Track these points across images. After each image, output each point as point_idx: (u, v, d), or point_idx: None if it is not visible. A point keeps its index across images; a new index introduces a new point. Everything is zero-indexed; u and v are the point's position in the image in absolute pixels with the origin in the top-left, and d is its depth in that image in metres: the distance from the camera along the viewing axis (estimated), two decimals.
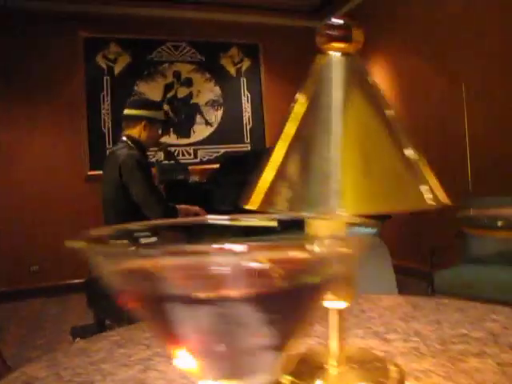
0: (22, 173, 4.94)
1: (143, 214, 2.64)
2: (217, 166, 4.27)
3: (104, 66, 5.17)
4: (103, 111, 5.07)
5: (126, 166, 2.59)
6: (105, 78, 5.17)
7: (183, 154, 5.40)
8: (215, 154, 5.46)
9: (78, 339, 3.32)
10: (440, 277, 2.93)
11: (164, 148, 3.64)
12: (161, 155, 4.12)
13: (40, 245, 4.81)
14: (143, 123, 2.76)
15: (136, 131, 2.77)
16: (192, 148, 5.44)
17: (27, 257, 4.88)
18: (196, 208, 3.08)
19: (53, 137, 4.99)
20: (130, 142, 2.74)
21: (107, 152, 4.61)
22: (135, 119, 2.77)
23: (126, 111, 2.81)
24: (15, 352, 3.46)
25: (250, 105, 5.65)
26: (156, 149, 3.29)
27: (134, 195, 2.61)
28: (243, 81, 5.65)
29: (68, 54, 5.03)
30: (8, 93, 4.89)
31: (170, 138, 5.36)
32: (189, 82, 5.45)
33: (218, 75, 5.55)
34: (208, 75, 5.52)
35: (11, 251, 4.85)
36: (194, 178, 4.47)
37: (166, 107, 5.36)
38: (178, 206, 3.00)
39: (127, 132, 2.79)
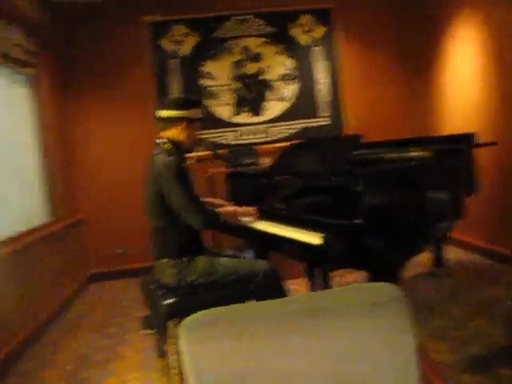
0: (101, 161, 5.11)
1: (183, 222, 2.51)
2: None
3: (170, 49, 5.10)
4: (172, 95, 5.01)
5: (163, 175, 2.46)
6: (171, 61, 5.10)
7: (256, 134, 5.22)
8: (290, 131, 5.21)
9: (144, 330, 3.34)
10: None
11: (208, 145, 3.43)
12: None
13: (124, 229, 4.95)
14: (184, 124, 2.60)
15: (175, 133, 2.62)
16: (265, 126, 5.23)
17: (113, 240, 5.07)
18: (247, 210, 2.87)
19: (128, 123, 5.06)
20: (168, 146, 2.59)
21: None
22: (175, 121, 2.60)
23: (164, 113, 2.63)
24: (90, 339, 3.56)
25: (325, 75, 5.29)
26: (201, 149, 3.09)
27: (173, 204, 2.48)
28: (317, 50, 5.29)
29: (134, 41, 5.06)
30: (79, 83, 5.04)
31: (242, 117, 5.20)
32: (258, 57, 5.21)
33: (290, 47, 5.24)
34: (279, 48, 5.23)
35: (98, 236, 5.09)
36: (265, 160, 4.26)
37: (235, 85, 5.20)
38: (223, 209, 2.82)
39: (166, 134, 2.63)
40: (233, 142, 5.14)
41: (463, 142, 2.88)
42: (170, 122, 2.61)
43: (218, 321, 1.20)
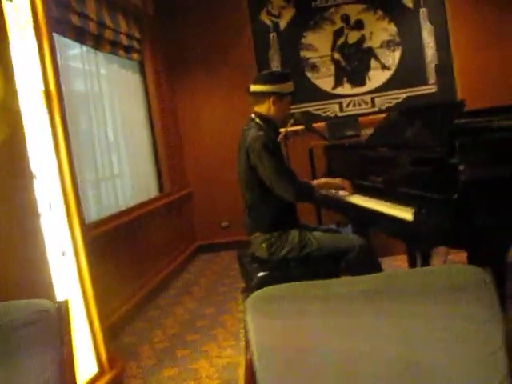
0: (208, 136, 5.31)
1: (277, 196, 2.52)
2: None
3: (269, 22, 5.08)
4: (273, 69, 5.00)
5: (253, 149, 2.49)
6: (271, 34, 5.08)
7: (359, 104, 5.04)
8: (395, 101, 4.95)
9: (243, 301, 3.47)
10: None
11: (298, 119, 3.36)
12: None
13: (229, 202, 5.12)
14: (272, 99, 2.59)
15: (265, 107, 2.62)
16: (369, 96, 5.03)
17: (218, 213, 5.29)
18: (339, 182, 2.80)
19: (231, 98, 5.16)
20: (258, 121, 2.61)
21: None
22: (263, 95, 2.61)
23: (253, 87, 2.65)
24: (195, 307, 3.77)
25: (433, 39, 4.90)
26: (293, 122, 3.04)
27: (264, 178, 2.50)
28: (423, 12, 4.91)
29: (234, 16, 5.11)
30: (183, 63, 5.24)
31: (344, 88, 5.04)
32: (359, 25, 4.98)
33: (392, 11, 4.93)
34: (380, 13, 4.94)
35: (205, 209, 5.33)
36: (368, 132, 4.11)
37: (336, 56, 5.04)
38: (315, 182, 2.78)
39: (256, 109, 2.65)
40: (337, 115, 5.03)
41: None
42: (259, 96, 2.63)
43: (282, 298, 1.20)
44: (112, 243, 3.47)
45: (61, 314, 1.39)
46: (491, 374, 1.09)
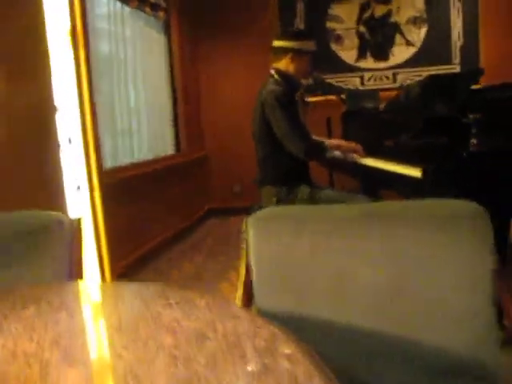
0: (226, 101, 5.34)
1: (286, 147, 2.56)
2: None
3: None
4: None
5: (267, 102, 2.53)
6: (298, 4, 5.06)
7: (381, 79, 5.02)
8: (417, 78, 4.91)
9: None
10: None
11: (317, 78, 3.40)
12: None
13: (242, 167, 5.16)
14: (290, 55, 2.63)
15: (283, 64, 2.66)
16: (391, 72, 5.00)
17: (231, 178, 5.36)
18: (352, 145, 2.83)
19: (252, 65, 5.17)
20: (276, 76, 2.64)
21: None
22: (282, 51, 2.65)
23: (274, 43, 2.70)
24: (201, 262, 3.87)
25: (460, 18, 4.84)
26: (310, 78, 3.10)
27: (276, 132, 2.54)
28: None
29: None
30: (208, 27, 5.25)
31: (367, 62, 5.02)
32: None
33: None
34: None
35: (219, 172, 5.40)
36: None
37: (362, 29, 5.01)
38: (327, 141, 2.81)
39: (274, 65, 2.69)
40: (358, 88, 5.03)
41: None
42: (279, 51, 2.66)
43: (281, 217, 1.27)
44: (126, 192, 3.56)
45: (73, 228, 1.48)
46: (475, 301, 1.14)
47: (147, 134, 4.30)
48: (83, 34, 2.33)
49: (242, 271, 1.32)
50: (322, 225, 1.23)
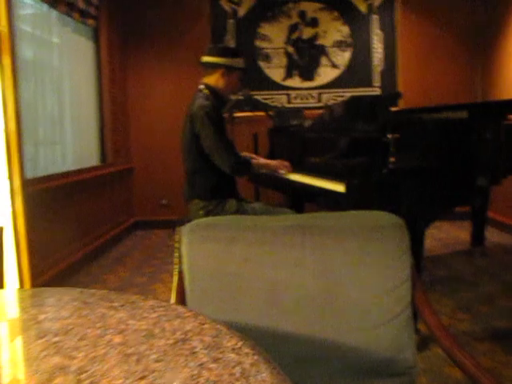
0: (154, 114, 5.30)
1: (214, 162, 2.60)
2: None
3: (228, 8, 5.16)
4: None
5: (197, 116, 2.56)
6: (229, 21, 5.17)
7: (306, 98, 5.22)
8: (340, 99, 5.17)
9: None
10: None
11: (245, 95, 3.51)
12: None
13: (170, 180, 5.14)
14: (221, 71, 2.68)
15: (213, 79, 2.70)
16: (316, 92, 5.22)
17: (158, 191, 5.30)
18: (275, 163, 2.92)
19: (182, 79, 5.19)
20: (206, 91, 2.68)
21: None
22: (213, 66, 2.69)
23: (205, 58, 2.73)
24: (127, 276, 3.78)
25: (381, 45, 5.18)
26: (239, 94, 3.20)
27: (205, 147, 2.57)
28: (375, 18, 5.17)
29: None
30: (138, 39, 5.22)
31: (294, 81, 5.21)
32: (314, 22, 5.17)
33: (347, 13, 5.16)
34: (336, 14, 5.16)
35: (146, 186, 5.33)
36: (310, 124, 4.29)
37: (289, 49, 5.20)
38: (254, 161, 2.89)
39: (205, 80, 2.73)
40: (285, 105, 5.19)
41: (509, 107, 2.79)
42: (210, 67, 2.71)
43: (217, 226, 1.29)
44: (48, 203, 3.42)
45: None
46: (396, 303, 1.23)
47: (72, 144, 4.17)
48: (9, 38, 2.23)
49: (175, 281, 1.33)
50: (255, 234, 1.27)
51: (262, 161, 3.02)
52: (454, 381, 2.13)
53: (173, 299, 1.27)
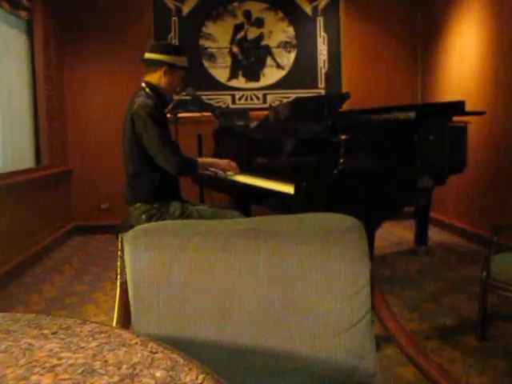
0: (94, 115, 5.06)
1: (159, 167, 2.48)
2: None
3: (172, 6, 5.02)
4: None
5: (139, 115, 2.43)
6: (173, 18, 5.02)
7: (251, 99, 5.16)
8: (285, 100, 5.14)
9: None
10: (498, 262, 2.33)
11: (193, 95, 3.41)
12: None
13: (111, 184, 4.91)
14: (164, 69, 2.57)
15: (156, 77, 2.59)
16: (261, 92, 5.17)
17: (99, 195, 5.06)
18: (226, 163, 2.82)
19: (123, 76, 4.97)
20: (148, 90, 2.56)
21: None
22: (156, 64, 2.58)
23: (147, 55, 2.61)
24: (65, 284, 3.56)
25: (326, 47, 5.20)
26: (184, 93, 3.10)
27: (147, 146, 2.45)
28: (320, 20, 5.18)
29: None
30: (76, 34, 4.97)
31: (239, 82, 5.13)
32: (260, 22, 5.12)
33: (292, 14, 5.14)
34: (281, 14, 5.13)
35: (85, 189, 5.07)
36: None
37: (234, 49, 5.13)
38: (200, 160, 2.79)
39: (146, 78, 2.61)
40: (229, 106, 5.10)
41: (452, 108, 2.84)
42: (152, 64, 2.59)
43: (163, 232, 1.18)
44: None
45: None
46: (357, 310, 1.17)
47: (1, 144, 3.88)
48: None
49: (117, 293, 1.20)
50: (205, 240, 1.17)
51: (209, 160, 2.91)
52: (405, 381, 2.12)
53: (115, 314, 1.15)
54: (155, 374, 0.49)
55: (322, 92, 5.18)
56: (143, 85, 2.61)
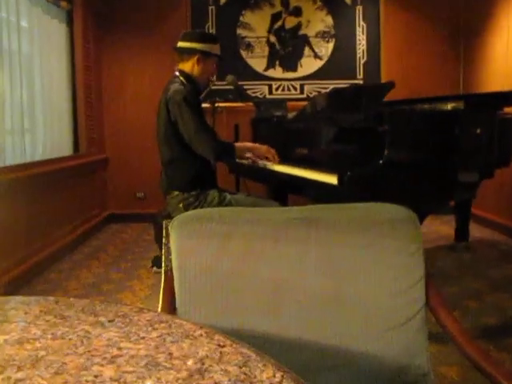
0: (130, 102, 5.09)
1: (196, 153, 2.45)
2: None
3: None
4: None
5: (174, 101, 2.41)
6: (210, 7, 4.98)
7: (288, 89, 5.09)
8: (323, 90, 5.05)
9: (154, 268, 3.37)
10: None
11: (234, 84, 3.36)
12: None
13: (147, 173, 4.93)
14: (196, 57, 2.54)
15: (189, 65, 2.57)
16: (298, 83, 5.09)
17: (134, 183, 5.09)
18: (265, 149, 2.75)
19: (159, 66, 4.98)
20: (182, 78, 2.54)
21: None
22: (188, 52, 2.55)
23: (180, 43, 2.59)
24: (102, 271, 3.59)
25: (365, 37, 5.07)
26: (225, 83, 3.07)
27: (183, 132, 2.42)
28: (359, 9, 5.06)
29: None
30: (115, 24, 4.99)
31: (276, 72, 5.06)
32: (298, 11, 5.03)
33: (331, 3, 5.02)
34: (319, 3, 5.02)
35: (121, 177, 5.11)
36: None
37: (272, 38, 5.05)
38: (238, 144, 2.74)
39: (180, 66, 2.60)
40: (266, 96, 5.05)
41: (504, 99, 2.70)
42: (185, 53, 2.57)
43: (210, 219, 1.15)
44: (15, 195, 3.21)
45: None
46: (410, 305, 1.11)
47: (43, 133, 3.93)
48: None
49: (163, 281, 1.18)
50: (254, 228, 1.13)
51: (248, 144, 2.87)
52: (449, 381, 2.05)
53: (160, 303, 1.12)
54: (226, 369, 0.44)
55: (361, 82, 5.07)
56: (177, 73, 2.60)
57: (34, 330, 0.54)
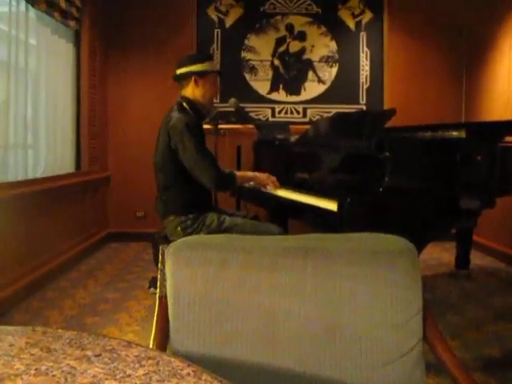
0: (134, 121, 5.12)
1: (193, 179, 2.45)
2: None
3: (215, 18, 5.05)
4: None
5: (175, 129, 2.42)
6: (216, 30, 5.05)
7: (291, 112, 5.12)
8: (326, 115, 5.08)
9: (151, 289, 3.34)
10: None
11: (236, 106, 3.38)
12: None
13: (148, 192, 4.89)
14: (193, 79, 2.55)
15: (189, 90, 2.58)
16: (301, 106, 5.12)
17: (135, 202, 5.08)
18: (266, 177, 2.76)
19: (164, 88, 5.01)
20: (184, 104, 2.56)
21: None
22: (185, 77, 2.58)
23: (176, 71, 2.62)
24: (98, 291, 3.57)
25: (368, 62, 5.12)
26: (227, 105, 3.09)
27: (184, 159, 2.42)
28: (363, 36, 5.12)
29: (180, 7, 5.01)
30: (121, 44, 5.04)
31: (279, 95, 5.10)
32: (302, 36, 5.09)
33: (335, 29, 5.09)
34: (324, 29, 5.09)
35: (121, 196, 5.10)
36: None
37: (276, 62, 5.10)
38: (239, 173, 2.74)
39: (181, 93, 2.61)
40: (269, 119, 5.08)
41: (505, 128, 2.71)
42: (182, 78, 2.59)
43: (206, 246, 1.14)
44: (15, 211, 3.20)
45: None
46: (407, 339, 1.09)
47: (45, 149, 3.95)
48: None
49: (157, 307, 1.16)
50: (251, 256, 1.12)
51: (249, 174, 2.87)
52: None
53: (153, 331, 1.10)
54: None
55: (363, 108, 5.10)
56: (179, 99, 2.62)
57: (17, 364, 0.53)
